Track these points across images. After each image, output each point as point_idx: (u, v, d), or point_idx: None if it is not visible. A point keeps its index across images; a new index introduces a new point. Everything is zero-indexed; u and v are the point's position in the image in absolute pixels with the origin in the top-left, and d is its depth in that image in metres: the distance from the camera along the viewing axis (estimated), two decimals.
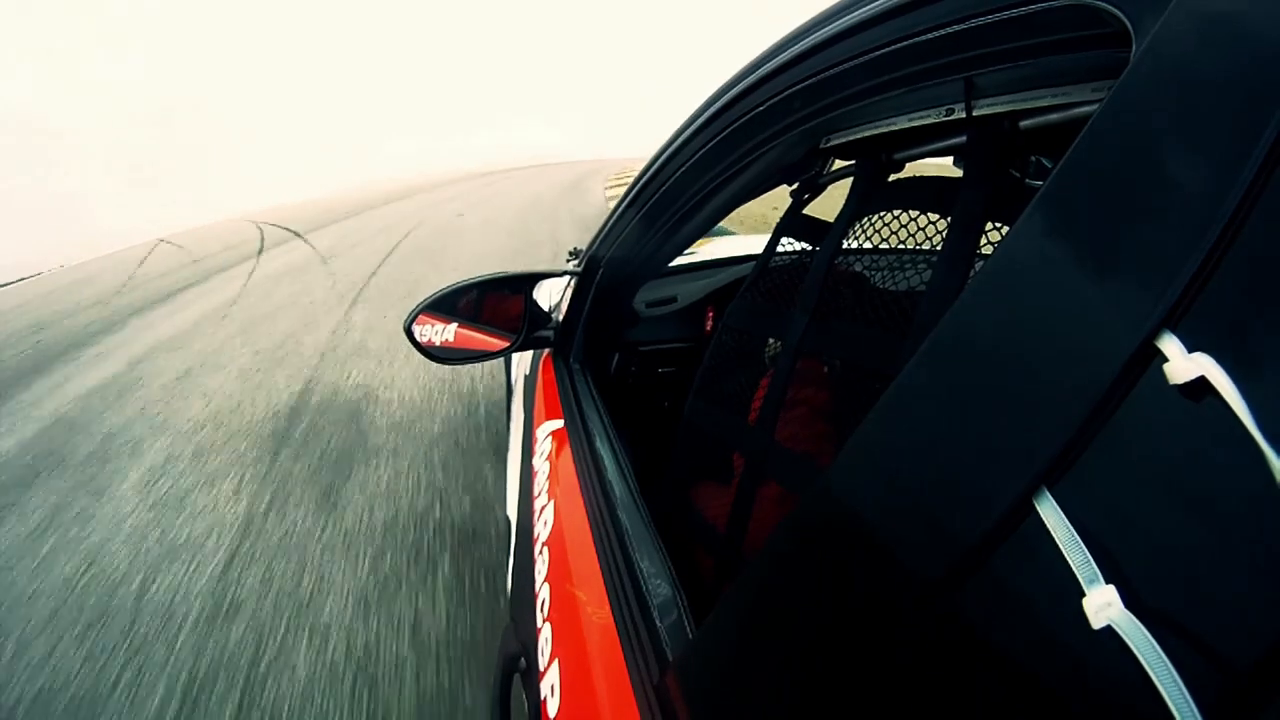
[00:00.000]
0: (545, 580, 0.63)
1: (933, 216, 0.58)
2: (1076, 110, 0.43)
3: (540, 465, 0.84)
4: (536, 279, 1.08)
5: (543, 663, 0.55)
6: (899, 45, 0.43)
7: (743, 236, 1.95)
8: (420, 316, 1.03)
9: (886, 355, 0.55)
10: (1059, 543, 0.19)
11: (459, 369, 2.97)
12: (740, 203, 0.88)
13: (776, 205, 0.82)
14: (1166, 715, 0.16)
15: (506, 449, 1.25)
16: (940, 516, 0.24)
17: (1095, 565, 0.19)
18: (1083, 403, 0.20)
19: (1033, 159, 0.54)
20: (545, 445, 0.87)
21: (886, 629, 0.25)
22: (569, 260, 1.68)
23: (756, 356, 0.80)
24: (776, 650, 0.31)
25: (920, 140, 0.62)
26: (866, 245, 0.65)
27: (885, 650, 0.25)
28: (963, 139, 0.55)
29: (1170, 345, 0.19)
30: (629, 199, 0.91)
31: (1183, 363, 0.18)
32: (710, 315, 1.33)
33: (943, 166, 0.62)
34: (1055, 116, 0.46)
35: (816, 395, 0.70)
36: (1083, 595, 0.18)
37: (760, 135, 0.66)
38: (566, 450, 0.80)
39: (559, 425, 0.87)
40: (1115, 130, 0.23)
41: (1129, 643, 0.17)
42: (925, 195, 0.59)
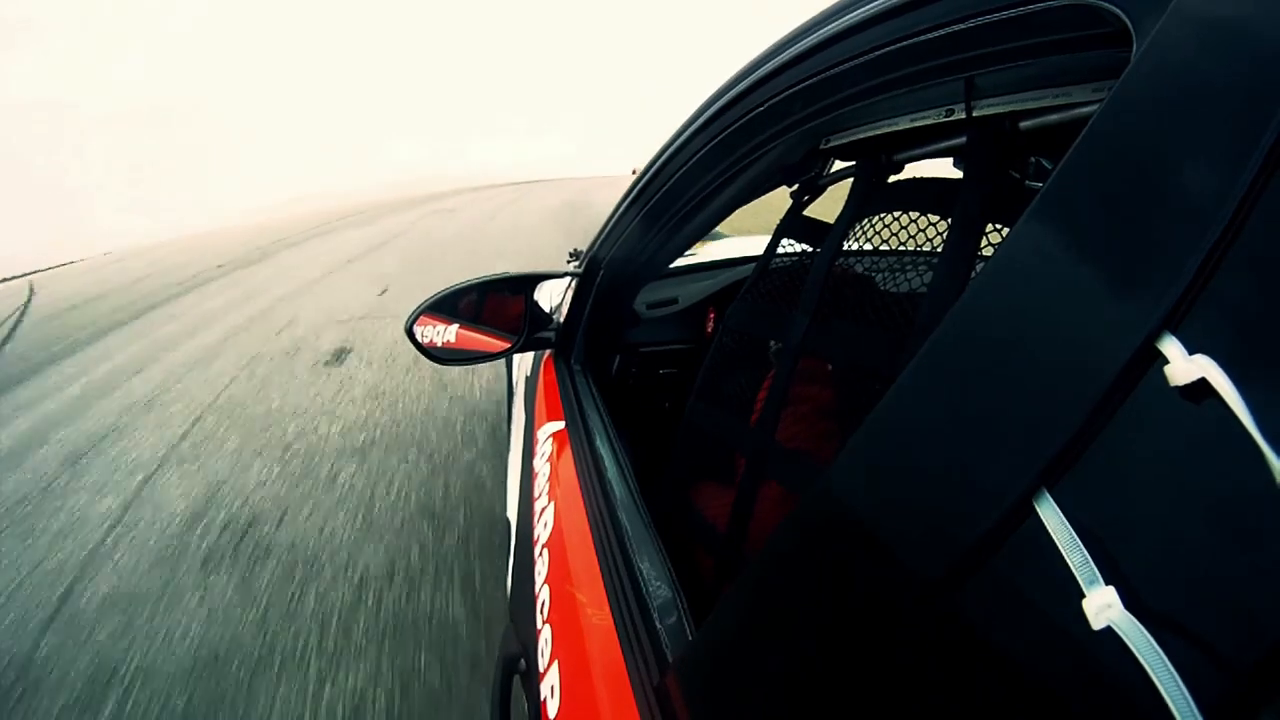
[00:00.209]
0: (545, 582, 0.63)
1: (933, 218, 0.58)
2: (1076, 110, 0.43)
3: (541, 467, 0.84)
4: (537, 280, 1.08)
5: (543, 664, 0.54)
6: (899, 45, 0.43)
7: (743, 238, 1.95)
8: (422, 317, 1.03)
9: (887, 357, 0.55)
10: (1059, 544, 0.19)
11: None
12: (740, 204, 0.88)
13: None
14: (1166, 716, 0.16)
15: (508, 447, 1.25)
16: (940, 517, 0.24)
17: (1095, 566, 0.19)
18: (1083, 404, 0.20)
19: (1033, 160, 0.54)
20: (546, 447, 0.87)
21: (887, 629, 0.25)
22: (570, 262, 1.69)
23: (757, 358, 0.80)
24: (777, 651, 0.31)
25: (920, 141, 0.62)
26: (867, 247, 0.65)
27: (885, 650, 0.25)
28: (963, 140, 0.55)
29: (1170, 347, 0.19)
30: (629, 200, 0.91)
31: (1183, 364, 0.18)
32: (711, 317, 1.33)
33: (943, 167, 0.62)
34: (1055, 117, 0.46)
35: (820, 392, 0.69)
36: (1083, 596, 0.18)
37: (760, 136, 0.66)
38: (567, 452, 0.80)
39: (560, 427, 0.87)
40: (1115, 130, 0.23)
41: (1129, 643, 0.17)
42: (925, 196, 0.59)
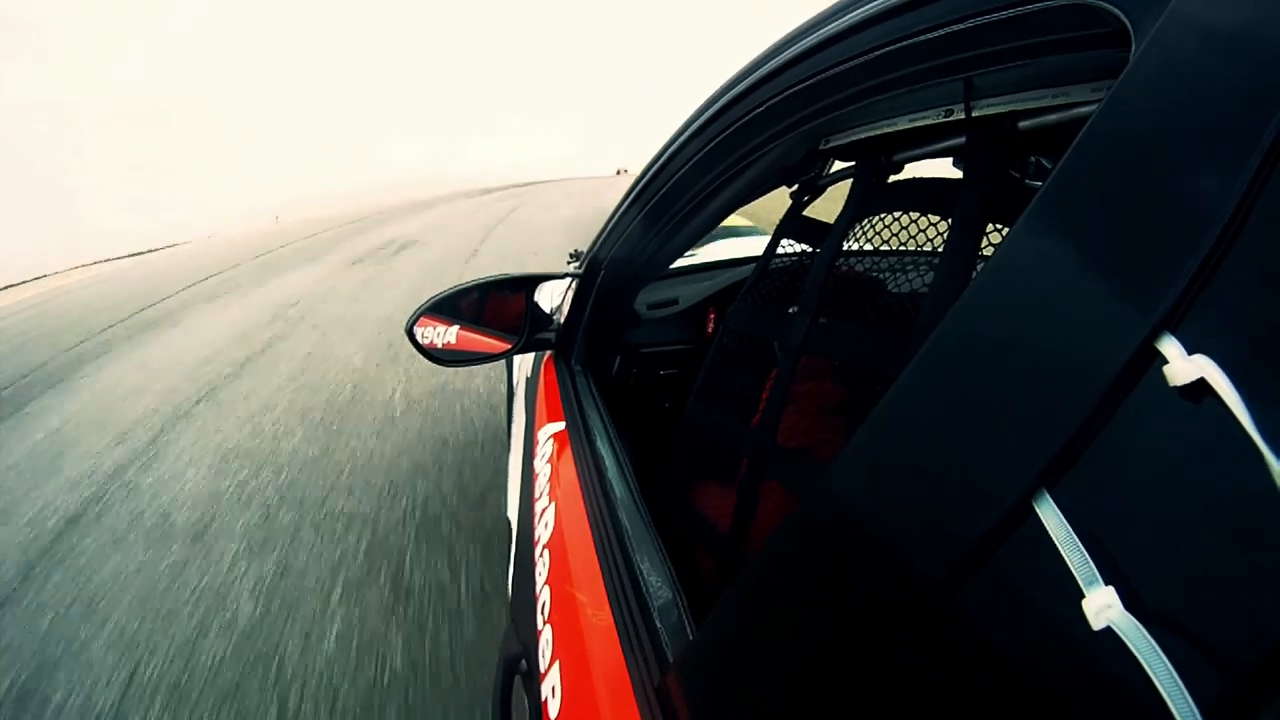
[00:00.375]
0: (546, 582, 0.63)
1: (933, 218, 0.58)
2: (1076, 110, 0.43)
3: (541, 467, 0.84)
4: (538, 281, 1.08)
5: (543, 664, 0.54)
6: (898, 46, 0.43)
7: (743, 239, 1.95)
8: (422, 318, 1.03)
9: (888, 357, 0.55)
10: (1058, 544, 0.19)
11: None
12: (740, 204, 0.88)
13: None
14: (1166, 716, 0.16)
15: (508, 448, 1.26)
16: (940, 517, 0.24)
17: (1095, 566, 0.19)
18: (1083, 404, 0.20)
19: (1032, 159, 0.54)
20: (546, 447, 0.87)
21: (887, 629, 0.25)
22: (570, 262, 1.68)
23: (757, 358, 0.80)
24: (777, 651, 0.31)
25: (920, 141, 0.62)
26: (867, 247, 0.65)
27: (885, 650, 0.25)
28: (962, 140, 0.55)
29: (1170, 347, 0.19)
30: (629, 200, 0.91)
31: (1182, 364, 0.18)
32: (711, 317, 1.33)
33: (943, 167, 0.62)
34: (1055, 117, 0.46)
35: (827, 387, 0.69)
36: (1082, 596, 0.18)
37: (760, 136, 0.66)
38: (568, 452, 0.80)
39: (560, 427, 0.87)
40: (1114, 130, 0.23)
41: (1129, 644, 0.17)
42: (925, 196, 0.59)
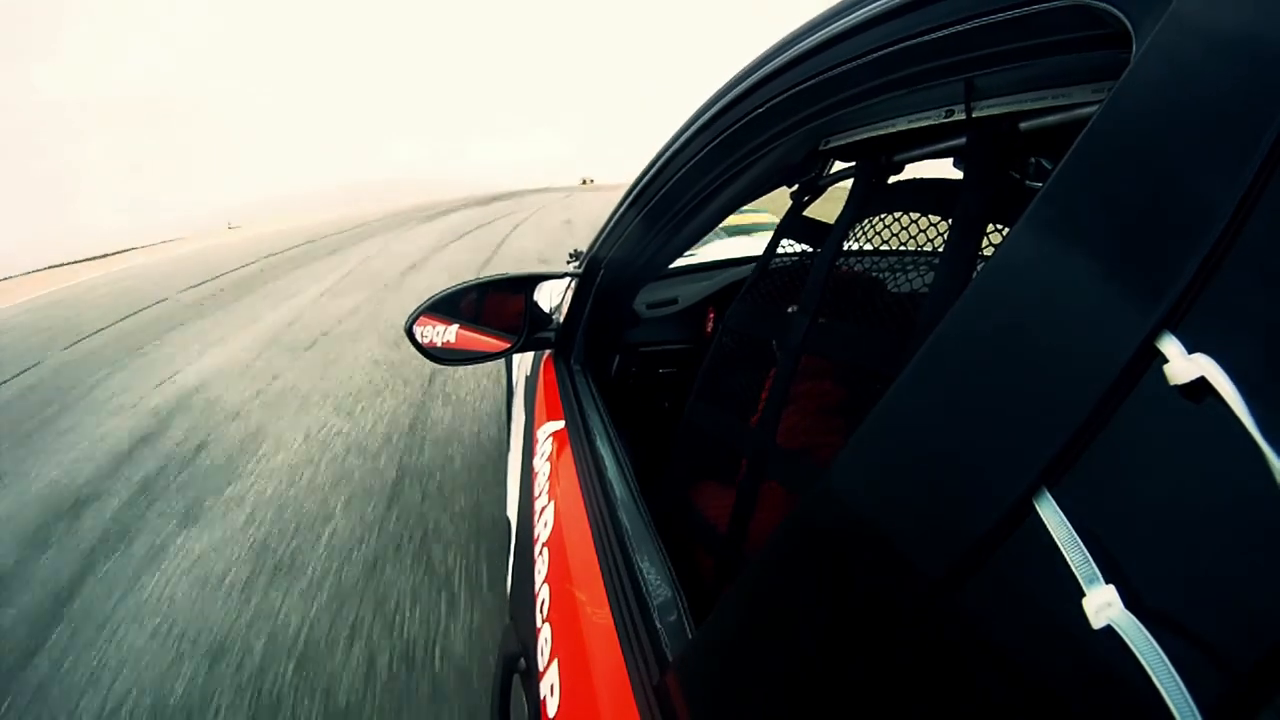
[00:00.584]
0: (545, 581, 0.63)
1: (933, 218, 0.58)
2: (1076, 111, 0.43)
3: (541, 466, 0.84)
4: (537, 280, 1.08)
5: (542, 663, 0.54)
6: (899, 46, 0.43)
7: (743, 238, 1.95)
8: (422, 317, 1.03)
9: (888, 357, 0.55)
10: (1059, 543, 0.19)
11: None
12: (740, 204, 0.88)
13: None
14: (1166, 715, 0.16)
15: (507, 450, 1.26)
16: (940, 516, 0.24)
17: (1095, 565, 0.19)
18: (1083, 403, 0.20)
19: (1033, 160, 0.54)
20: (546, 446, 0.87)
21: (886, 629, 0.25)
22: (570, 262, 1.68)
23: (757, 358, 0.80)
24: (777, 650, 0.31)
25: (920, 142, 0.62)
26: (867, 247, 0.65)
27: (885, 650, 0.25)
28: (963, 140, 0.55)
29: (1170, 346, 0.19)
30: (629, 200, 0.91)
31: (1183, 363, 0.18)
32: (711, 317, 1.33)
33: (943, 168, 0.62)
34: (1055, 117, 0.46)
35: (826, 387, 0.69)
36: (1083, 595, 0.18)
37: (760, 137, 0.66)
38: (567, 451, 0.80)
39: (559, 426, 0.87)
40: (1115, 131, 0.23)
41: (1129, 643, 0.17)
42: (926, 197, 0.59)
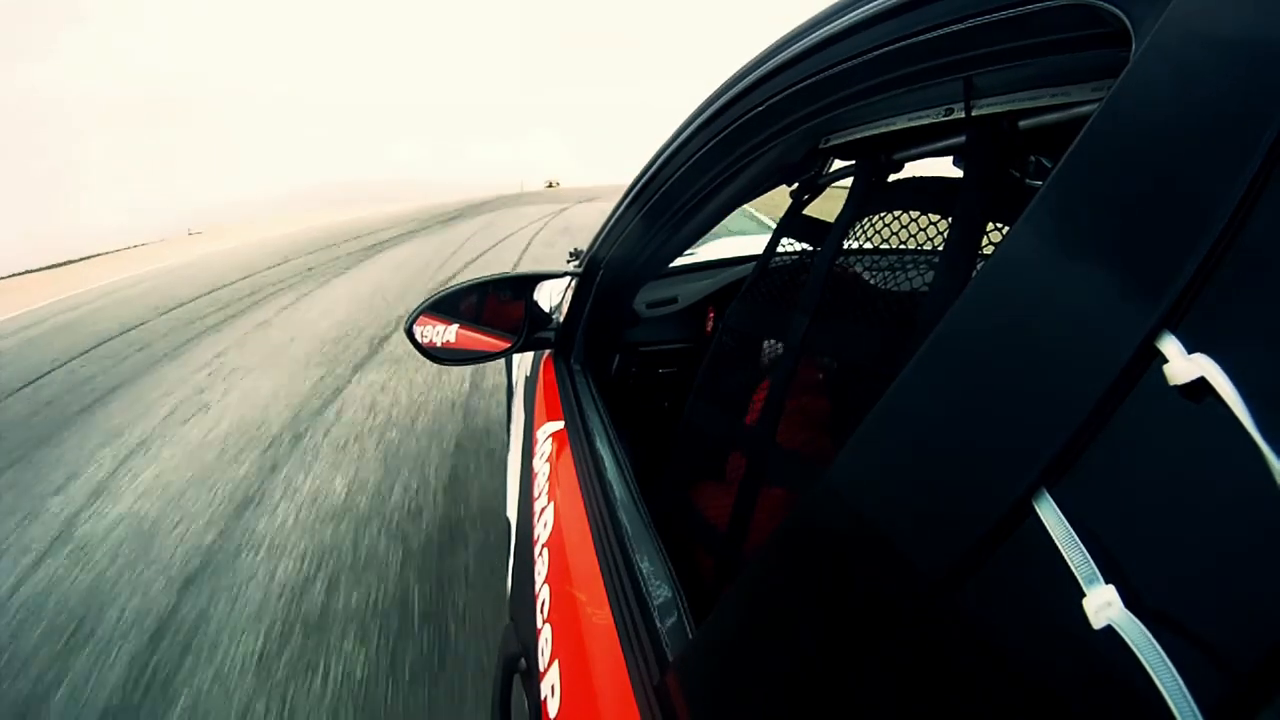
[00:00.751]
0: (545, 581, 0.63)
1: (933, 217, 0.58)
2: (1076, 110, 0.43)
3: (540, 467, 0.84)
4: (537, 280, 1.08)
5: (543, 663, 0.55)
6: (898, 45, 0.43)
7: (743, 237, 1.95)
8: (421, 317, 1.03)
9: (887, 356, 0.55)
10: (1059, 543, 0.19)
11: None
12: (740, 203, 0.88)
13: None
14: (1166, 715, 0.16)
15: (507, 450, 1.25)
16: (940, 516, 0.24)
17: (1095, 565, 0.19)
18: (1082, 403, 0.20)
19: (1032, 159, 0.54)
20: (546, 447, 0.87)
21: (886, 629, 0.25)
22: (570, 261, 1.68)
23: (757, 357, 0.80)
24: (777, 650, 0.31)
25: (920, 140, 0.62)
26: (867, 246, 0.65)
27: (885, 650, 0.25)
28: (962, 139, 0.55)
29: (1170, 346, 0.19)
30: (629, 199, 0.91)
31: (1182, 363, 0.18)
32: (711, 316, 1.33)
33: (943, 166, 0.62)
34: (1055, 116, 0.46)
35: (814, 402, 0.70)
36: (1083, 595, 0.18)
37: (760, 135, 0.66)
38: (567, 451, 0.80)
39: (559, 426, 0.88)
40: (1115, 130, 0.23)
41: (1129, 643, 0.17)
42: (925, 196, 0.59)
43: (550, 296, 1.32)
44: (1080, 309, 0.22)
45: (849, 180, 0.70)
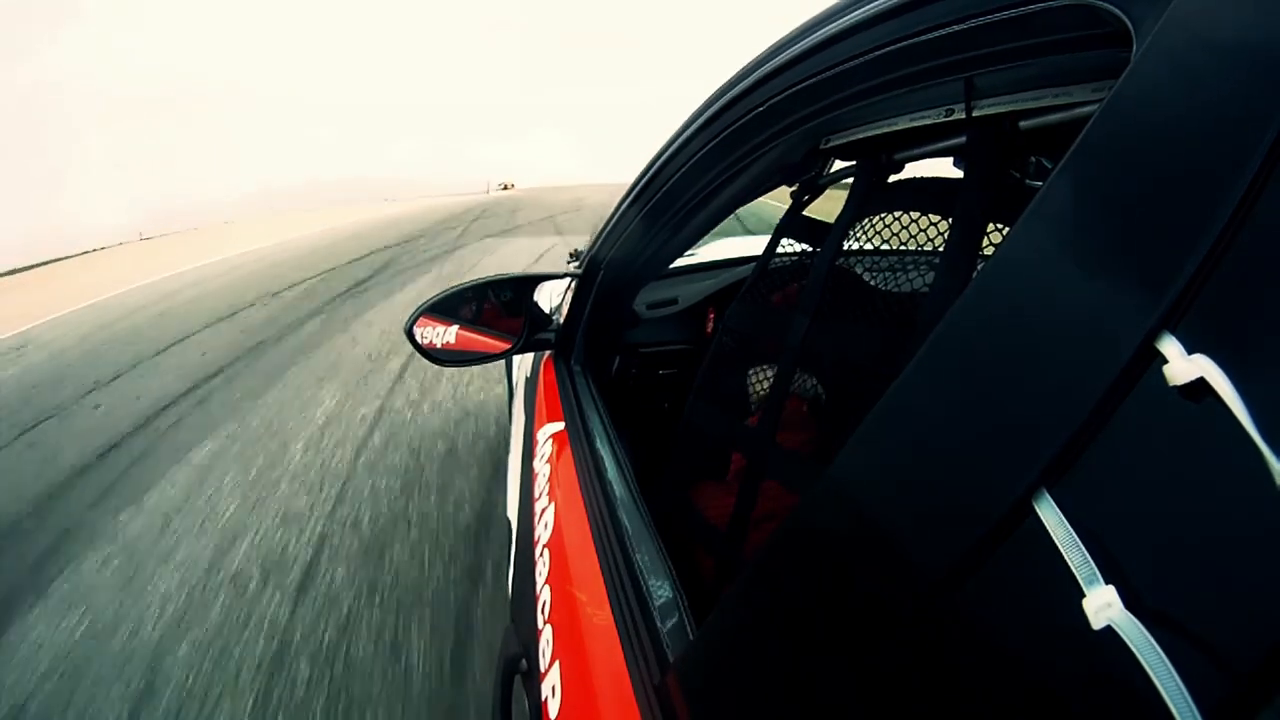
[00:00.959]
0: (546, 582, 0.63)
1: (934, 217, 0.58)
2: (1076, 110, 0.43)
3: (541, 468, 0.84)
4: (537, 281, 1.08)
5: (544, 664, 0.54)
6: (898, 46, 0.43)
7: (743, 238, 1.95)
8: (421, 319, 1.03)
9: (887, 357, 0.55)
10: (1058, 543, 0.19)
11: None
12: (740, 204, 0.88)
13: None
14: (1166, 715, 0.16)
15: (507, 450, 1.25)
16: (940, 517, 0.24)
17: (1095, 565, 0.19)
18: (1082, 403, 0.20)
19: (1033, 159, 0.54)
20: (546, 448, 0.87)
21: (886, 629, 0.25)
22: (570, 262, 1.69)
23: (757, 358, 0.80)
24: (777, 650, 0.31)
25: (920, 141, 0.62)
26: (868, 246, 0.65)
27: (885, 650, 0.25)
28: (963, 139, 0.55)
29: (1170, 346, 0.19)
30: (629, 200, 0.91)
31: (1182, 364, 0.18)
32: (711, 317, 1.33)
33: (943, 167, 0.62)
34: (1055, 117, 0.46)
35: (796, 437, 0.70)
36: (1082, 596, 0.18)
37: (760, 136, 0.66)
38: (567, 452, 0.80)
39: (560, 427, 0.87)
40: (1116, 130, 0.23)
41: (1129, 643, 0.17)
42: (926, 196, 0.59)
43: (550, 298, 1.32)
44: (1080, 309, 0.22)
45: (849, 180, 0.70)
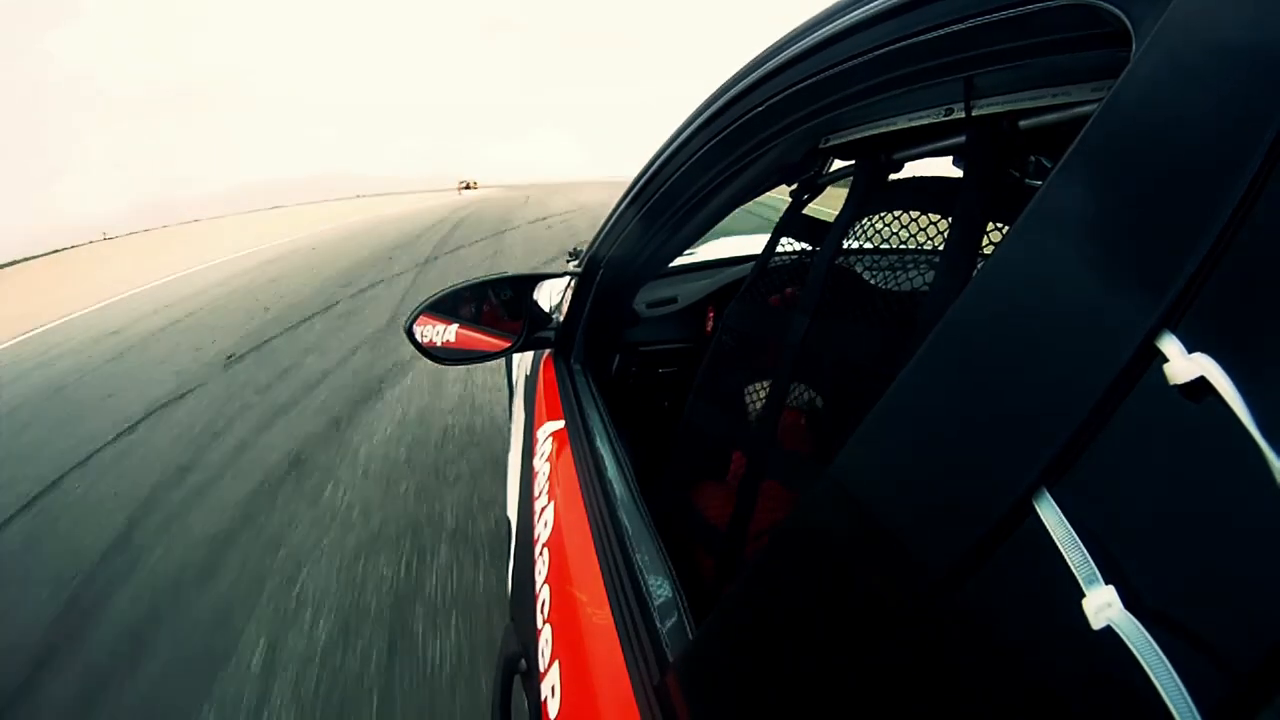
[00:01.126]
0: (545, 581, 0.63)
1: (933, 217, 0.58)
2: (1076, 110, 0.43)
3: (541, 466, 0.84)
4: (537, 280, 1.08)
5: (543, 664, 0.55)
6: (898, 45, 0.43)
7: (743, 237, 1.95)
8: (421, 317, 1.03)
9: (887, 356, 0.55)
10: (1059, 543, 0.19)
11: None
12: (740, 203, 0.88)
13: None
14: (1166, 715, 0.16)
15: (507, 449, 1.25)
16: (940, 516, 0.24)
17: (1095, 565, 0.19)
18: (1083, 403, 0.20)
19: (1032, 159, 0.54)
20: (546, 446, 0.87)
21: (886, 629, 0.25)
22: (569, 261, 1.68)
23: (757, 357, 0.80)
24: (777, 650, 0.31)
25: (920, 140, 0.62)
26: (867, 246, 0.65)
27: (885, 650, 0.25)
28: (962, 139, 0.55)
29: (1170, 345, 0.19)
30: (629, 199, 0.91)
31: (1182, 363, 0.18)
32: (710, 315, 1.33)
33: (943, 166, 0.62)
34: (1055, 116, 0.46)
35: (800, 438, 0.70)
36: (1082, 596, 0.18)
37: (760, 135, 0.66)
38: (567, 451, 0.80)
39: (559, 426, 0.87)
40: (1115, 130, 0.23)
41: (1129, 643, 0.17)
42: (925, 195, 0.59)
43: (550, 296, 1.32)
44: (1080, 308, 0.22)
45: (849, 180, 0.70)
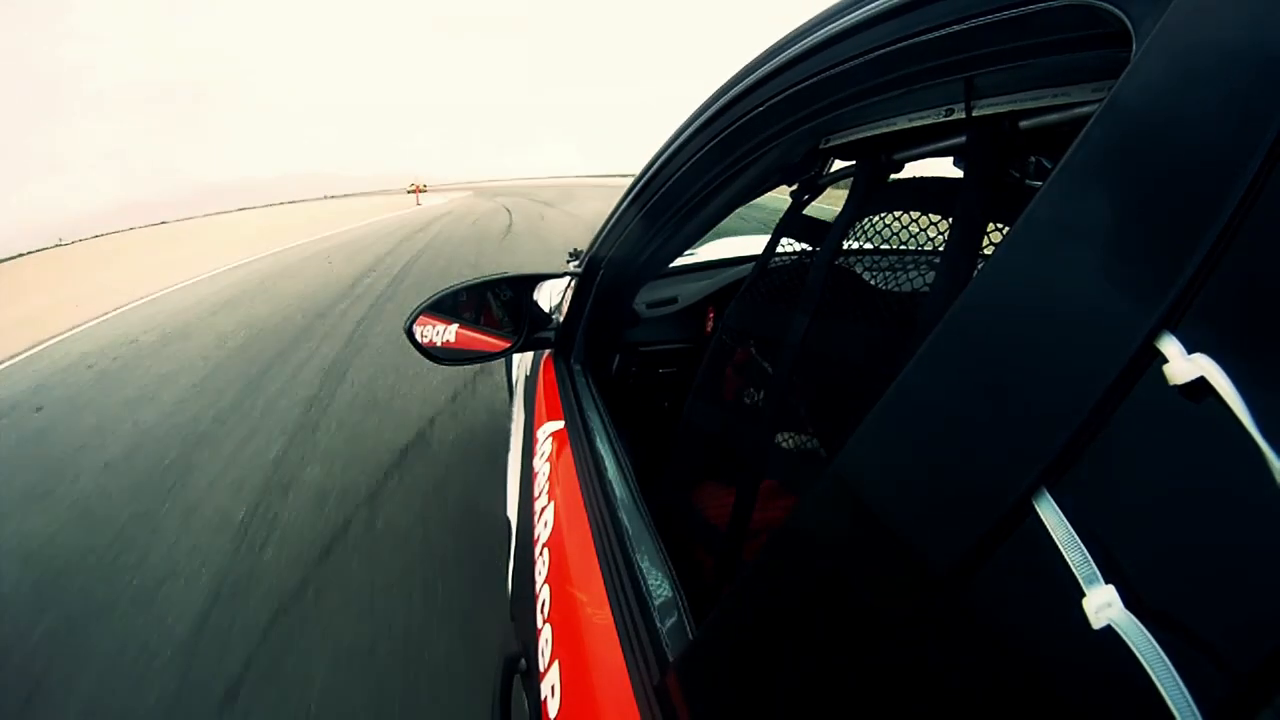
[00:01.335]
0: (545, 581, 0.63)
1: (934, 217, 0.58)
2: (1076, 110, 0.43)
3: (541, 466, 0.84)
4: (537, 280, 1.08)
5: (543, 664, 0.55)
6: (898, 46, 0.43)
7: (743, 237, 1.95)
8: (421, 317, 1.03)
9: (888, 356, 0.55)
10: (1059, 543, 0.19)
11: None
12: (740, 203, 0.88)
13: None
14: (1166, 715, 0.16)
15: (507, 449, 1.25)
16: (940, 516, 0.24)
17: (1095, 565, 0.19)
18: (1083, 403, 0.20)
19: (1033, 159, 0.54)
20: (546, 446, 0.87)
21: (886, 629, 0.25)
22: (569, 261, 1.68)
23: (756, 357, 0.80)
24: (777, 650, 0.31)
25: (920, 141, 0.62)
26: (867, 246, 0.65)
27: (885, 650, 0.25)
28: (963, 139, 0.55)
29: (1170, 346, 0.19)
30: (629, 199, 0.91)
31: (1182, 363, 0.18)
32: (711, 316, 1.33)
33: (943, 167, 0.62)
34: (1055, 116, 0.46)
35: (800, 438, 0.70)
36: (1083, 595, 0.18)
37: (760, 136, 0.66)
38: (567, 451, 0.80)
39: (559, 426, 0.88)
40: (1115, 130, 0.23)
41: (1129, 643, 0.17)
42: (926, 196, 0.59)
43: (550, 296, 1.32)
44: (1080, 308, 0.22)
45: (849, 180, 0.70)
